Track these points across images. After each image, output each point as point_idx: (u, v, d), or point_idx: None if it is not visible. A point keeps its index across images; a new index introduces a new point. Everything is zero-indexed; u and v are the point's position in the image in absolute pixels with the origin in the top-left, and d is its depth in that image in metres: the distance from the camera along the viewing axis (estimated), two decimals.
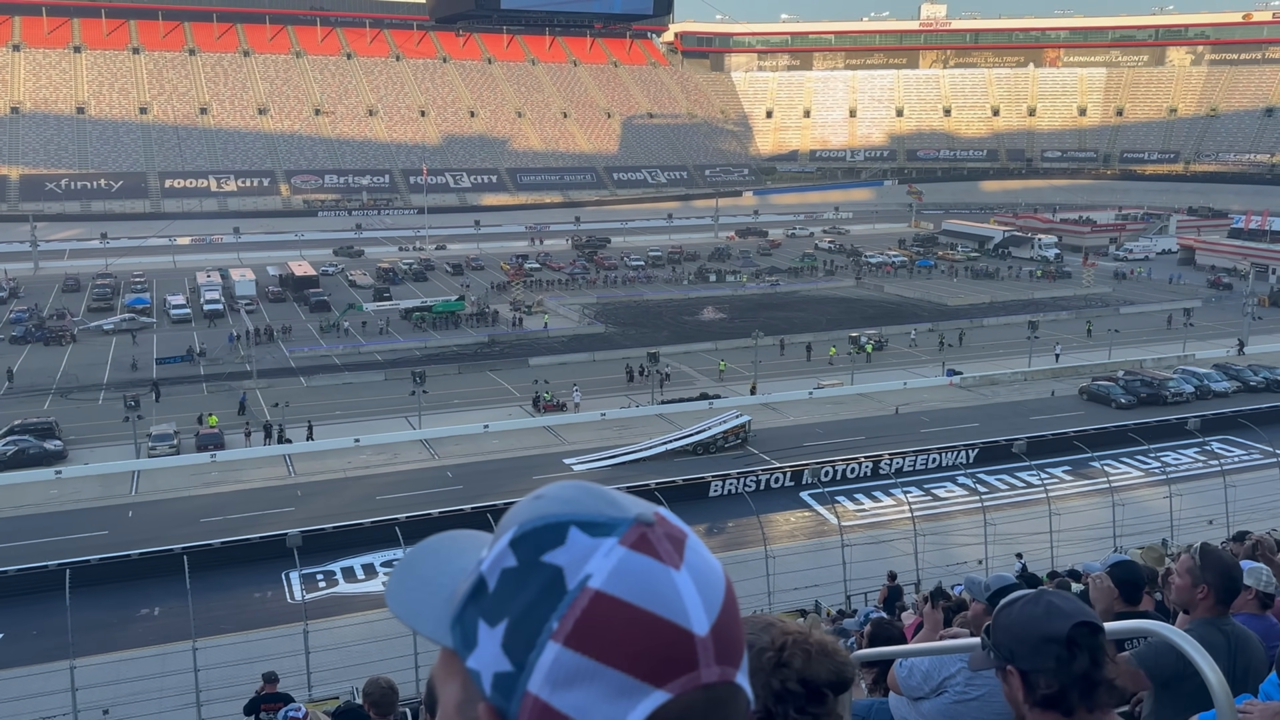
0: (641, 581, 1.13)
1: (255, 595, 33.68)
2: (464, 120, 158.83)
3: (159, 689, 25.66)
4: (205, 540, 36.37)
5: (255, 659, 25.33)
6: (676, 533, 1.20)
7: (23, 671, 27.11)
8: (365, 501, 42.15)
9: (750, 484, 42.71)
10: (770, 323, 73.59)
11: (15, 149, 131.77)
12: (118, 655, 28.10)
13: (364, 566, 35.83)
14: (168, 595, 30.98)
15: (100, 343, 70.18)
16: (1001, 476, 44.31)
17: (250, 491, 43.83)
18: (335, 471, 46.26)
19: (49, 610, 28.11)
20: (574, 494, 1.22)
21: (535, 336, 72.54)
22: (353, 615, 32.04)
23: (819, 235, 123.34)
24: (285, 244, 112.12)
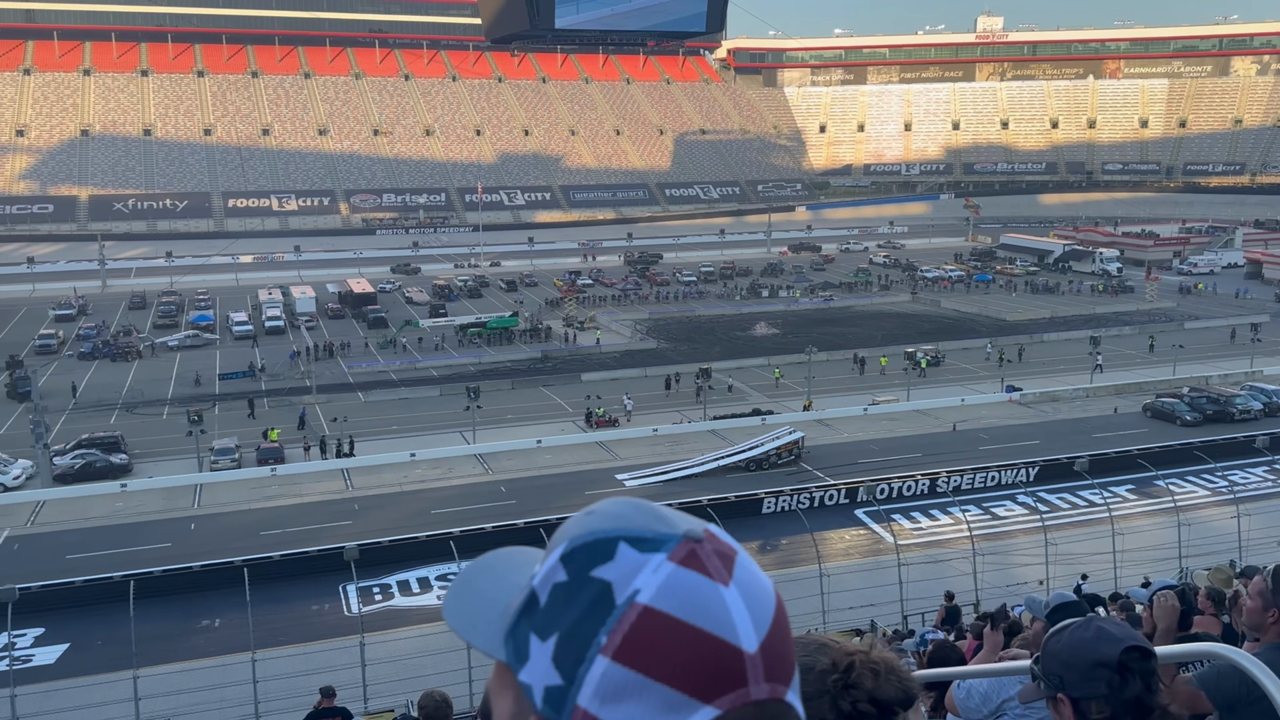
0: (690, 597, 1.14)
1: (313, 608, 34.10)
2: (518, 139, 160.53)
3: (219, 700, 26.09)
4: (265, 553, 36.95)
5: (313, 671, 25.64)
6: (726, 549, 1.20)
7: (88, 681, 27.78)
8: (421, 516, 42.55)
9: (804, 501, 42.32)
10: (824, 338, 73.09)
11: (85, 170, 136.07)
12: (179, 666, 28.64)
13: (419, 580, 36.13)
14: (228, 607, 31.52)
15: (165, 358, 71.95)
16: (1063, 495, 43.37)
17: (309, 505, 44.50)
18: (391, 486, 46.79)
19: (114, 621, 28.75)
20: (624, 510, 1.23)
21: (588, 352, 72.83)
22: (408, 629, 32.31)
23: (873, 250, 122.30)
24: (344, 262, 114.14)
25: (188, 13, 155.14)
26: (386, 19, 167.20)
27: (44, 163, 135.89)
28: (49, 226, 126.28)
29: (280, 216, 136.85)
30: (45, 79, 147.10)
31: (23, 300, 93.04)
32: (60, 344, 75.01)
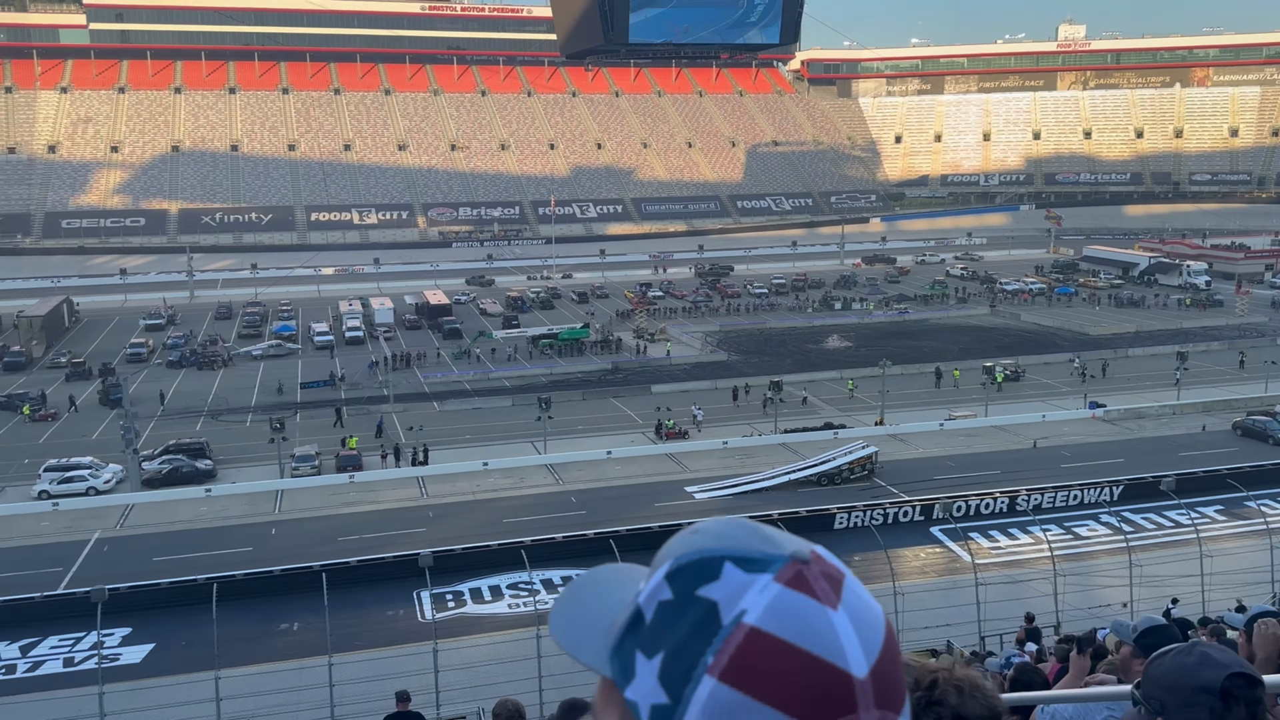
0: (797, 619, 1.13)
1: (388, 613, 34.63)
2: (591, 152, 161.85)
3: (296, 702, 26.61)
4: (342, 558, 37.69)
5: (386, 676, 26.05)
6: (834, 572, 1.20)
7: (171, 680, 28.61)
8: (492, 524, 42.97)
9: (877, 517, 41.68)
10: (898, 352, 72.02)
11: (175, 185, 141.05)
12: (258, 668, 29.32)
13: (490, 588, 36.48)
14: (306, 611, 32.18)
15: (249, 367, 74.03)
16: (1148, 515, 41.98)
17: (385, 512, 45.27)
18: (465, 494, 47.37)
19: (197, 622, 29.58)
20: (730, 529, 1.23)
21: (658, 364, 72.91)
22: (479, 636, 32.63)
23: (950, 262, 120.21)
24: (421, 274, 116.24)
25: (274, 32, 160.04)
26: (465, 36, 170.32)
27: (137, 178, 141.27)
28: (141, 239, 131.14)
29: (360, 229, 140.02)
30: (139, 97, 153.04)
31: (115, 310, 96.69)
32: (150, 352, 77.69)
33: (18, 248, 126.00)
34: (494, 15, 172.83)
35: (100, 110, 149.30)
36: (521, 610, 33.87)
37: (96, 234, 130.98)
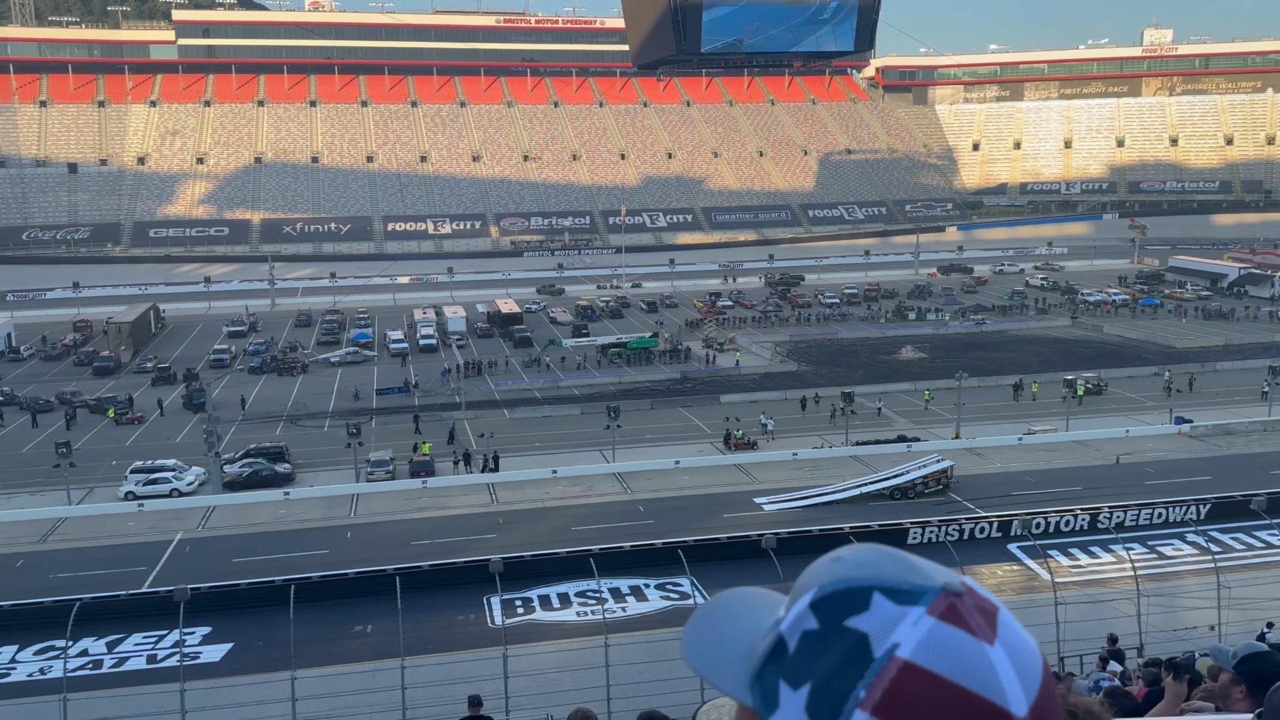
0: (953, 654, 1.10)
1: (458, 618, 34.93)
2: (662, 161, 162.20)
3: (369, 704, 26.98)
4: (415, 562, 38.18)
5: (457, 680, 26.26)
6: (987, 605, 1.17)
7: (249, 679, 29.24)
8: (561, 532, 43.15)
9: (953, 533, 40.81)
10: (975, 363, 70.57)
11: (258, 195, 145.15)
12: (333, 669, 29.79)
13: (559, 595, 36.57)
14: (379, 614, 32.67)
15: (327, 374, 75.66)
16: (1237, 535, 40.38)
17: (456, 517, 45.78)
18: (534, 501, 47.66)
19: (274, 623, 30.22)
20: (875, 558, 1.21)
21: (727, 374, 72.58)
22: (548, 643, 32.74)
23: (1030, 272, 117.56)
24: (493, 283, 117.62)
25: (353, 45, 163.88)
26: (538, 48, 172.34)
27: (221, 188, 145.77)
28: (224, 248, 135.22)
29: (435, 239, 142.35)
30: (223, 110, 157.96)
31: (200, 317, 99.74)
32: (232, 358, 79.93)
33: (108, 256, 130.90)
34: (567, 27, 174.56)
35: (187, 123, 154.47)
36: (590, 618, 33.89)
37: (182, 243, 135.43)
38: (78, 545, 43.14)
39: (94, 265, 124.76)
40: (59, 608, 31.24)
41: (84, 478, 50.51)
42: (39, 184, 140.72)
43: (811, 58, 54.58)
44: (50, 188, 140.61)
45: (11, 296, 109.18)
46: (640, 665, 28.40)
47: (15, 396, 67.61)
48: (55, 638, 30.34)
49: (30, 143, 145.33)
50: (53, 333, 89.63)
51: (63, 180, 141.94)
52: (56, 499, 48.29)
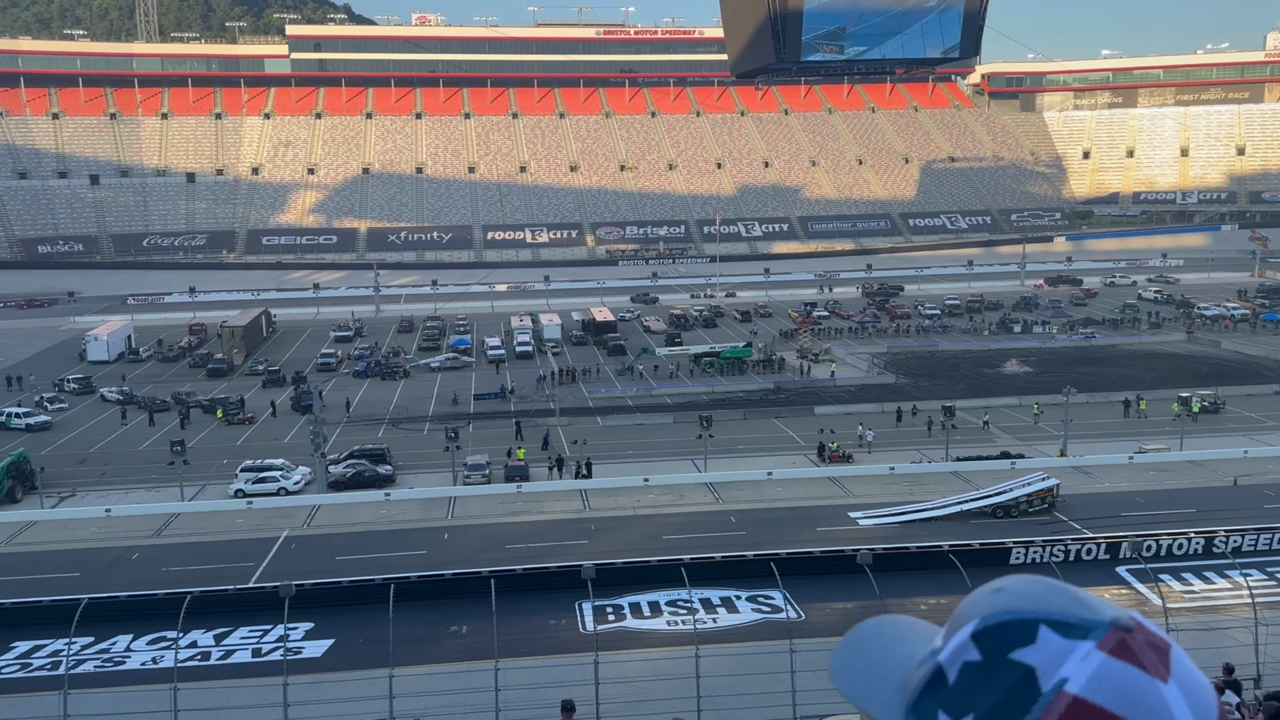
0: (1125, 691, 1.07)
1: (550, 622, 35.20)
2: (758, 170, 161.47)
3: (462, 705, 27.39)
4: (509, 565, 38.67)
5: (549, 684, 26.48)
6: (1159, 642, 1.14)
7: (349, 676, 29.96)
8: (652, 540, 43.14)
9: (1058, 554, 39.39)
10: (1084, 378, 68.12)
11: (365, 205, 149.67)
12: (429, 668, 30.33)
13: (649, 604, 36.52)
14: (474, 615, 33.14)
15: (427, 378, 77.40)
16: None
17: (549, 522, 46.23)
18: (625, 509, 47.79)
19: (373, 620, 30.94)
20: (1040, 590, 1.18)
21: (821, 385, 71.66)
22: (638, 651, 32.73)
23: (1143, 284, 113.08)
24: (588, 291, 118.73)
25: (458, 59, 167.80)
26: (637, 59, 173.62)
27: (330, 198, 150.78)
28: (333, 256, 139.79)
29: (533, 248, 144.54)
30: (333, 122, 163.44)
31: (308, 322, 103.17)
32: (339, 362, 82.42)
33: (223, 262, 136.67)
34: (666, 37, 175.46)
35: (299, 135, 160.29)
36: (680, 628, 33.79)
37: (293, 250, 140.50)
38: (189, 540, 44.99)
39: (209, 271, 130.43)
40: (171, 600, 32.55)
41: (197, 475, 52.68)
42: (159, 193, 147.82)
43: (915, 65, 53.55)
44: (170, 196, 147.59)
45: (132, 300, 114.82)
46: (731, 678, 28.20)
47: (134, 396, 71.00)
48: (167, 629, 31.65)
49: (152, 153, 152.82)
50: (170, 335, 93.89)
51: (181, 189, 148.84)
52: (171, 495, 50.46)
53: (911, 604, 34.37)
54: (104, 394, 72.27)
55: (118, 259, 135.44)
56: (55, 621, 31.97)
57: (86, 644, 32.76)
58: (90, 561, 41.88)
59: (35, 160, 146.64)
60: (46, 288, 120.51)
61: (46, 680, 30.29)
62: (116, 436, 63.09)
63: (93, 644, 33.15)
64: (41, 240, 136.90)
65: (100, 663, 32.47)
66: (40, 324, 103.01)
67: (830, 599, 35.40)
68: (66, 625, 28.51)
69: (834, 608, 35.11)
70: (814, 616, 34.13)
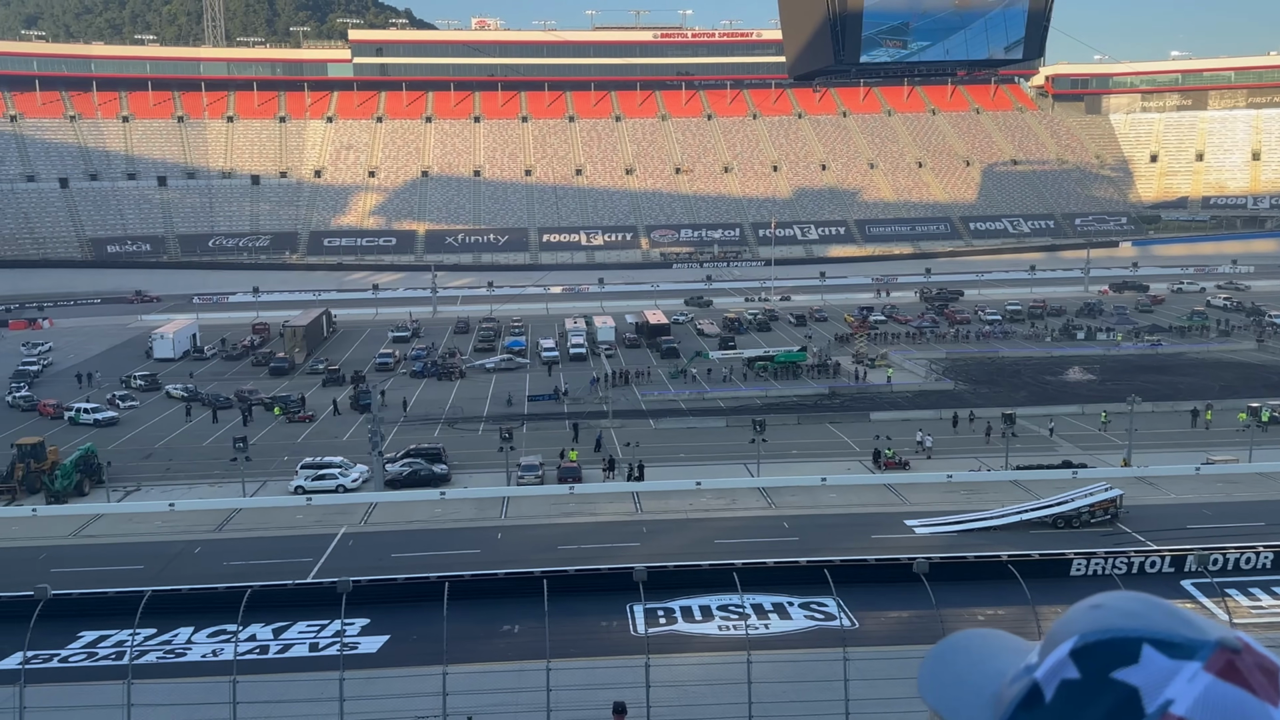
0: (1234, 715, 1.05)
1: (602, 623, 35.22)
2: (815, 173, 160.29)
3: (514, 703, 27.51)
4: (561, 566, 38.79)
5: (600, 685, 26.48)
6: (1268, 664, 1.11)
7: (402, 672, 30.28)
8: (704, 544, 42.97)
9: (1120, 566, 38.45)
10: (1149, 387, 66.53)
11: (423, 207, 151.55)
12: (481, 666, 30.54)
13: (701, 608, 36.36)
14: (526, 615, 33.30)
15: (482, 379, 78.07)
16: None
17: (602, 524, 46.29)
18: (678, 512, 47.67)
19: (428, 618, 31.24)
20: (1142, 608, 1.15)
21: (877, 390, 70.84)
22: (690, 655, 32.60)
23: (1211, 291, 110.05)
24: (642, 293, 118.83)
25: (516, 63, 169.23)
26: (694, 61, 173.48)
27: (390, 200, 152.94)
28: (391, 257, 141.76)
29: (587, 250, 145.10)
30: (394, 126, 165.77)
31: (367, 322, 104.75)
32: (396, 362, 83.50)
33: (286, 263, 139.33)
34: (723, 40, 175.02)
35: (360, 138, 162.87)
36: (732, 633, 33.59)
37: (354, 252, 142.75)
38: (250, 535, 45.87)
39: (272, 271, 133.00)
40: (231, 594, 33.19)
41: (258, 471, 53.73)
42: (224, 194, 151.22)
43: (977, 66, 52.73)
44: (235, 198, 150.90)
45: (197, 299, 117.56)
46: (783, 685, 27.95)
47: (198, 393, 72.66)
48: (227, 622, 32.28)
49: (218, 156, 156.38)
50: (233, 334, 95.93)
51: (246, 191, 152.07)
52: (233, 490, 51.51)
53: (969, 614, 33.78)
54: (169, 391, 74.06)
55: (184, 259, 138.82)
56: (120, 613, 32.81)
57: (149, 635, 33.53)
58: (154, 555, 42.91)
59: (106, 162, 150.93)
60: (116, 287, 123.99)
61: (111, 670, 31.07)
62: (181, 433, 64.60)
63: (155, 635, 33.92)
64: (110, 240, 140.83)
65: (162, 654, 33.22)
66: (108, 322, 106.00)
67: (885, 607, 34.92)
68: (131, 616, 29.20)
69: (889, 616, 34.63)
70: (868, 625, 33.70)
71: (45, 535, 46.03)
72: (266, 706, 27.75)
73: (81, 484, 52.42)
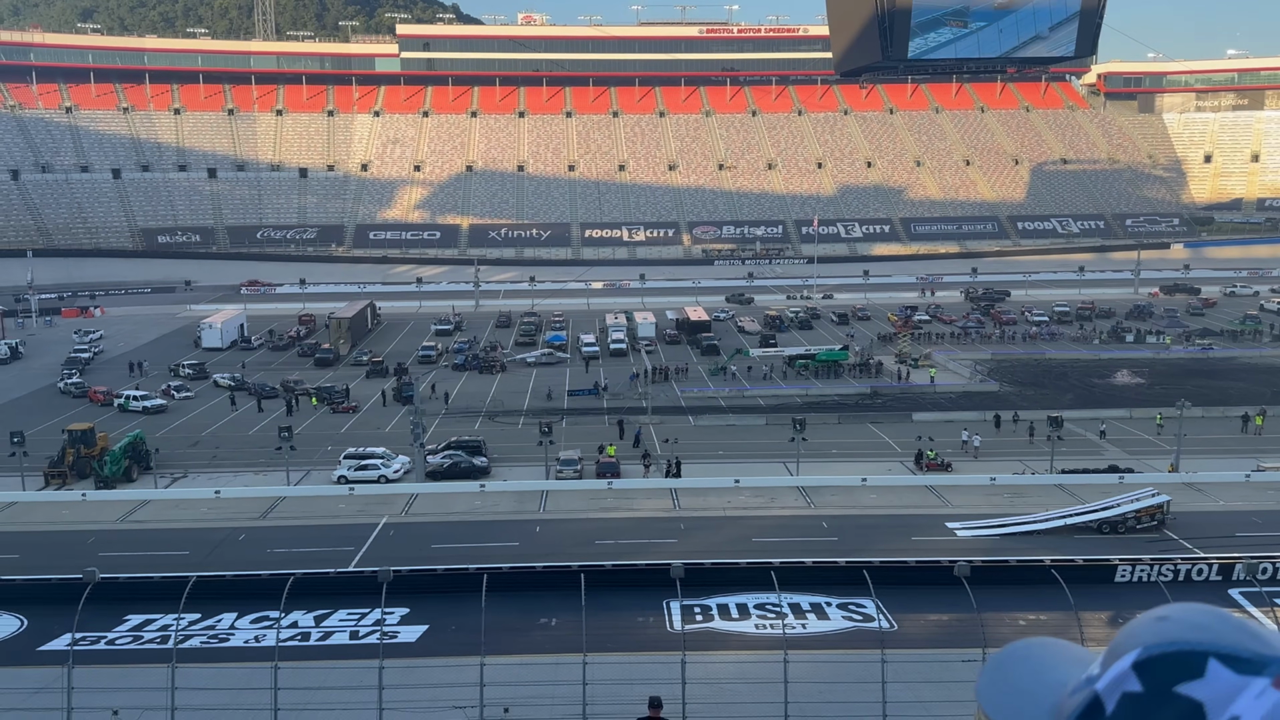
0: None
1: (638, 619, 35.24)
2: (860, 171, 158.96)
3: (550, 696, 27.63)
4: (599, 561, 38.89)
5: (635, 680, 26.50)
6: None
7: (440, 661, 30.56)
8: (741, 542, 42.83)
9: (1166, 573, 37.72)
10: (1199, 392, 65.15)
11: (467, 202, 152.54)
12: (518, 658, 30.71)
13: (738, 606, 36.25)
14: (563, 608, 33.41)
15: (523, 373, 78.46)
16: None
17: (639, 520, 46.31)
18: (715, 509, 47.56)
19: (466, 609, 31.49)
20: (1209, 621, 1.14)
21: (920, 391, 70.12)
22: (725, 653, 32.53)
23: (1266, 295, 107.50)
24: (683, 290, 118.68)
25: (560, 59, 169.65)
26: (739, 57, 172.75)
27: (435, 195, 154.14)
28: (435, 251, 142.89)
29: (629, 246, 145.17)
30: (440, 120, 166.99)
31: (411, 315, 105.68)
32: (439, 355, 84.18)
33: (332, 255, 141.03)
34: (769, 36, 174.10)
35: (406, 132, 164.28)
36: (769, 632, 33.45)
37: (398, 245, 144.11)
38: (293, 523, 46.52)
39: (319, 264, 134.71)
40: (274, 580, 33.63)
41: (302, 460, 54.45)
42: (273, 187, 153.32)
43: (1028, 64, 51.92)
44: (283, 190, 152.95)
45: (245, 290, 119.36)
46: (819, 685, 27.78)
47: (245, 382, 73.80)
48: (270, 608, 32.78)
49: (267, 148, 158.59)
50: (280, 325, 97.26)
51: (294, 184, 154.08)
52: (277, 479, 52.27)
53: (1010, 619, 33.35)
54: (216, 380, 75.32)
55: (232, 250, 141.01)
56: (165, 598, 33.41)
57: (194, 620, 34.13)
58: (199, 541, 43.68)
59: (157, 153, 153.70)
60: (166, 276, 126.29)
61: (156, 653, 31.69)
62: (227, 421, 65.67)
63: (199, 620, 34.52)
64: (161, 230, 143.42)
65: (206, 639, 33.81)
66: (159, 310, 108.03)
67: (924, 610, 34.58)
68: (176, 601, 29.74)
69: (928, 619, 34.30)
70: (907, 627, 33.39)
71: (94, 520, 47.04)
72: (307, 693, 28.13)
73: (130, 470, 53.47)
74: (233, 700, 27.38)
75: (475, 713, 25.92)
